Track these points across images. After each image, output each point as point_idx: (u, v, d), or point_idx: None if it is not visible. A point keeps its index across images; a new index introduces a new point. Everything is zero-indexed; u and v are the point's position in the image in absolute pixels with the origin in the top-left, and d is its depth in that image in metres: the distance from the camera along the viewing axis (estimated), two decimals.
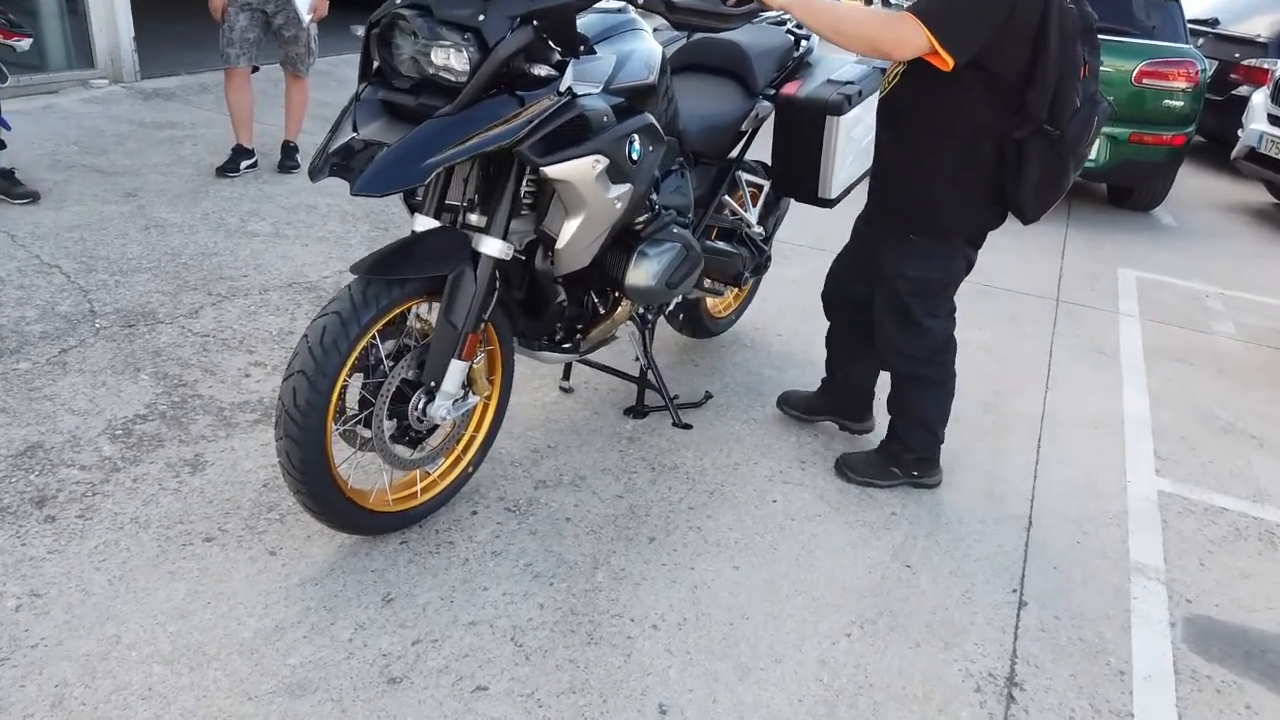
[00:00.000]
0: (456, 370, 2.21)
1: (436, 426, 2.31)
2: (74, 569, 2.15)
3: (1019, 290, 4.71)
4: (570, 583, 2.30)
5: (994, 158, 2.41)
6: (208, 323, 3.36)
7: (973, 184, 2.45)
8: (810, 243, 4.96)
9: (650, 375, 2.97)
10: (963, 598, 2.42)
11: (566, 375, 3.19)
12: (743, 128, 3.07)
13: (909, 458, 2.80)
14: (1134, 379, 3.84)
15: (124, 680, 1.87)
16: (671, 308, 3.11)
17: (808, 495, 2.78)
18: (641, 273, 2.49)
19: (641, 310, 2.85)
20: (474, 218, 2.27)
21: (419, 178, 1.91)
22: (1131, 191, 6.52)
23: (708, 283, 3.19)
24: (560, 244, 2.28)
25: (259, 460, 2.61)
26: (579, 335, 2.65)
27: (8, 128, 4.26)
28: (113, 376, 2.95)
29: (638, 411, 3.06)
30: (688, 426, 2.99)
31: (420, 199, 2.29)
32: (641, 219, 2.55)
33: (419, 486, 2.41)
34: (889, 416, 2.85)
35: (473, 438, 2.51)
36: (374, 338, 2.17)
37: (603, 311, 2.68)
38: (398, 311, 2.14)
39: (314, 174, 2.00)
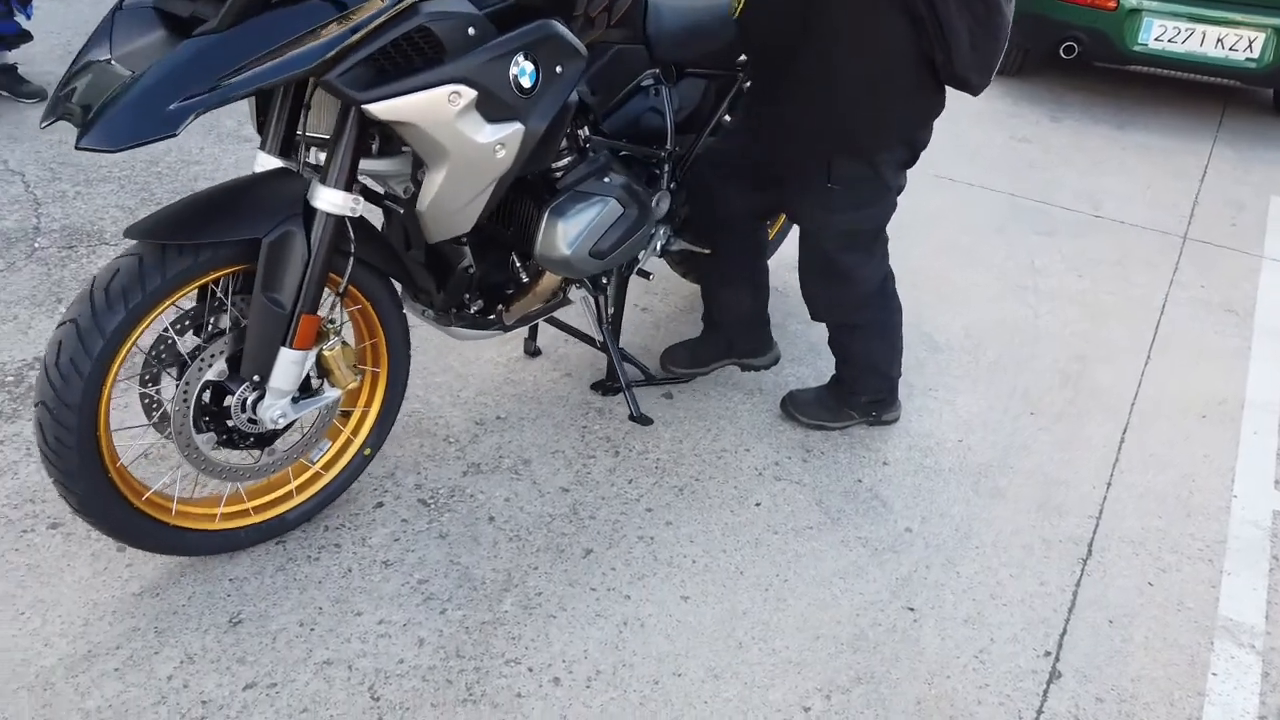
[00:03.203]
0: (288, 362, 1.70)
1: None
2: None
3: (1136, 223, 3.89)
4: (468, 611, 1.86)
5: (908, 27, 1.86)
6: None
7: (893, 70, 1.91)
8: None
9: (610, 350, 2.37)
10: (975, 660, 1.86)
11: (534, 335, 2.67)
12: None
13: (862, 400, 2.43)
14: (1268, 348, 3.07)
15: None
16: (645, 263, 2.49)
17: (803, 499, 2.23)
18: (554, 239, 1.92)
19: None
20: (323, 157, 1.72)
21: (166, 127, 1.35)
22: None
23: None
24: (422, 204, 1.73)
25: None
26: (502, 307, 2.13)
27: (28, 16, 3.91)
28: (28, 309, 2.62)
29: (606, 388, 2.52)
30: (647, 421, 2.39)
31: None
32: (561, 164, 1.96)
33: (293, 484, 1.96)
34: (833, 357, 2.45)
35: (364, 413, 2.04)
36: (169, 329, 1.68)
37: (525, 279, 2.12)
38: (187, 290, 1.61)
39: (43, 116, 1.48)
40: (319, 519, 2.02)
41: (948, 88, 2.01)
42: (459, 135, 1.61)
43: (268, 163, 1.69)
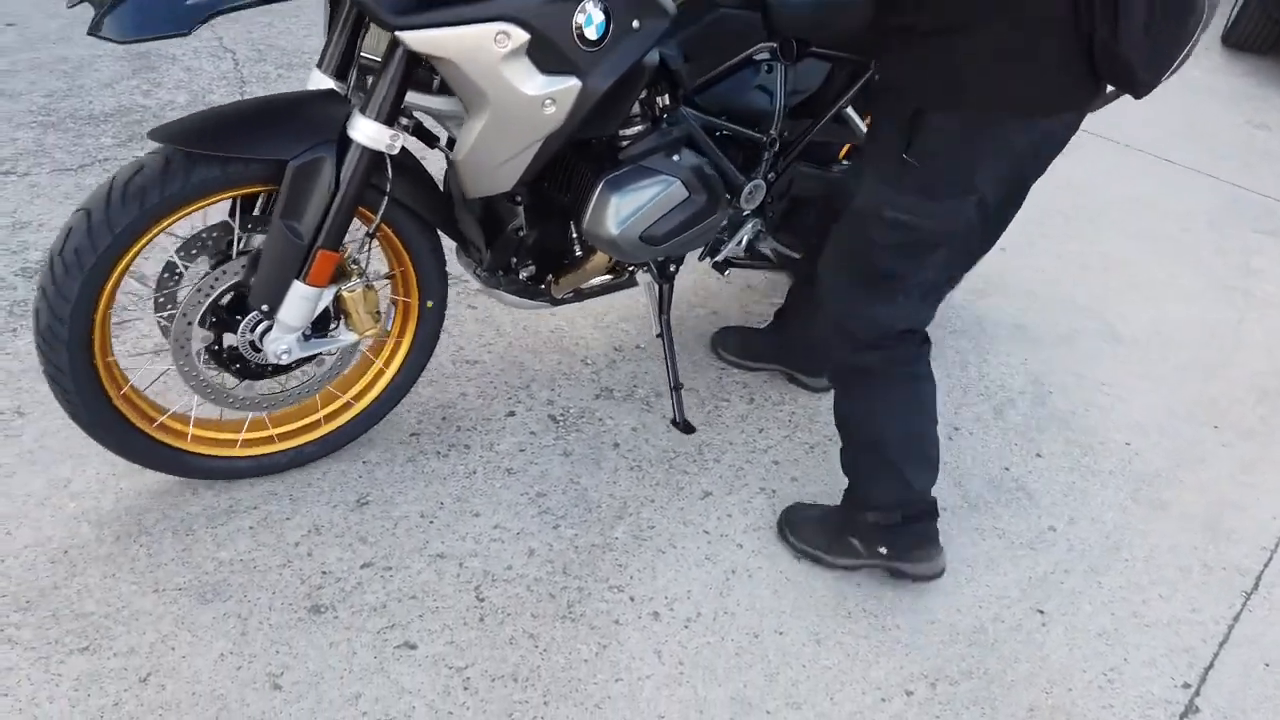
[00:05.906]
0: (300, 297, 1.59)
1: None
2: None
3: None
4: (579, 530, 1.87)
5: None
6: None
7: (1038, 24, 1.38)
8: None
9: (665, 343, 2.05)
10: (1102, 677, 1.73)
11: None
12: None
13: (869, 520, 1.77)
14: None
15: (45, 534, 1.70)
16: (725, 257, 2.14)
17: (943, 478, 2.07)
18: (603, 215, 1.70)
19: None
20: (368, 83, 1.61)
21: (177, 26, 1.32)
22: None
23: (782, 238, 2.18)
24: (457, 154, 1.57)
25: None
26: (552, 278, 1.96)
27: None
28: None
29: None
30: (689, 429, 2.07)
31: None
32: (630, 132, 1.73)
33: (321, 413, 1.90)
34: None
35: (382, 370, 1.92)
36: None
37: (579, 253, 1.91)
38: (209, 203, 1.52)
39: None
40: (453, 418, 2.07)
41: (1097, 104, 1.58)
42: (503, 82, 1.44)
43: (321, 82, 1.58)
